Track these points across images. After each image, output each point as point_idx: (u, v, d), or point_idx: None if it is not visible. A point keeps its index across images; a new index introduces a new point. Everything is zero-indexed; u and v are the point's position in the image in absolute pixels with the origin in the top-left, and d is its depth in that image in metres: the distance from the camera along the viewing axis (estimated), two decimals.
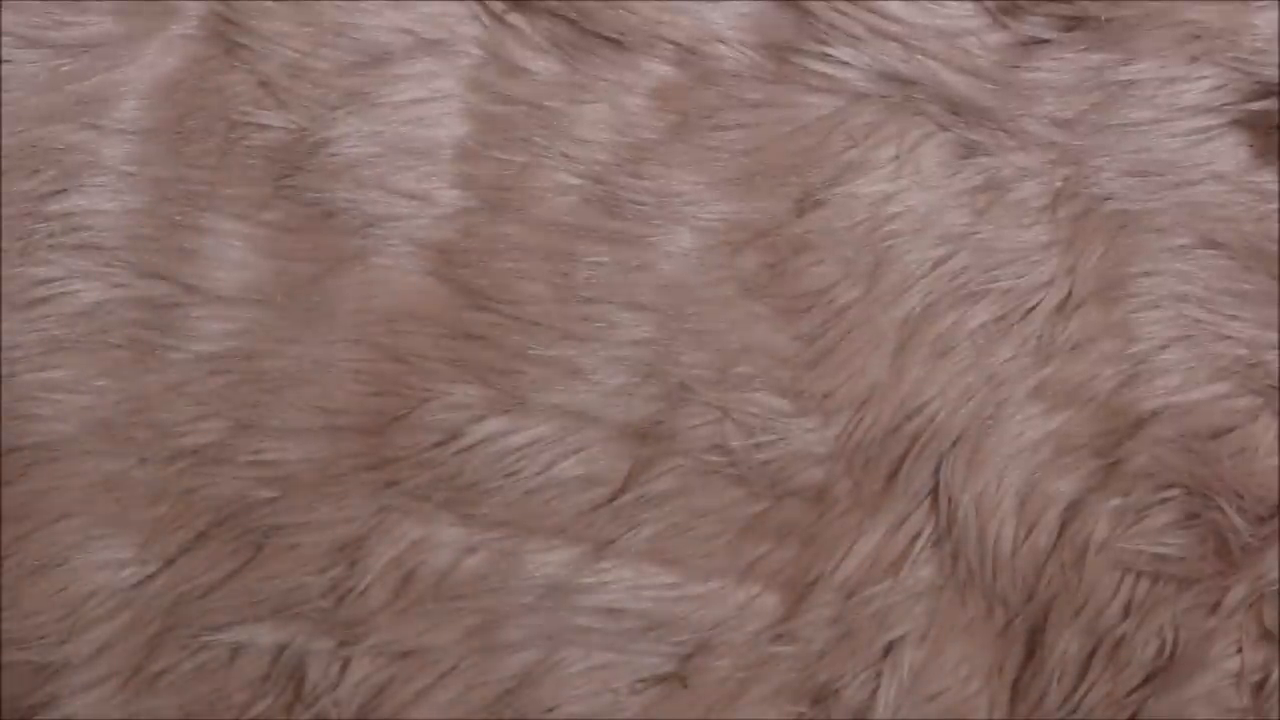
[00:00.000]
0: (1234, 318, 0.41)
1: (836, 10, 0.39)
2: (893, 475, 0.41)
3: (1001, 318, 0.41)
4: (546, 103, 0.41)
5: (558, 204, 0.41)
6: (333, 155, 0.40)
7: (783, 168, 0.41)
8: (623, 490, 0.41)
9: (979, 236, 0.41)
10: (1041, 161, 0.41)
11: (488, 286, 0.41)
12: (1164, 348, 0.41)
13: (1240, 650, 0.42)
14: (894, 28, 0.39)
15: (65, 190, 0.39)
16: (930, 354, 0.41)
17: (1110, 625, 0.42)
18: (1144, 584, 0.42)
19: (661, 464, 0.41)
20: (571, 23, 0.40)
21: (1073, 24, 0.40)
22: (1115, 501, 0.42)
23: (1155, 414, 0.41)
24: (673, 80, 0.42)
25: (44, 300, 0.39)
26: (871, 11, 0.39)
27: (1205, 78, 0.40)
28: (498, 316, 0.41)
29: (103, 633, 0.40)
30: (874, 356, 0.41)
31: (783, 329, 0.41)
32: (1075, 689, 0.42)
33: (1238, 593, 0.42)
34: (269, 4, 0.39)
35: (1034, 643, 0.42)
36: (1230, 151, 0.41)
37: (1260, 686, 0.42)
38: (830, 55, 0.40)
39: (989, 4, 0.39)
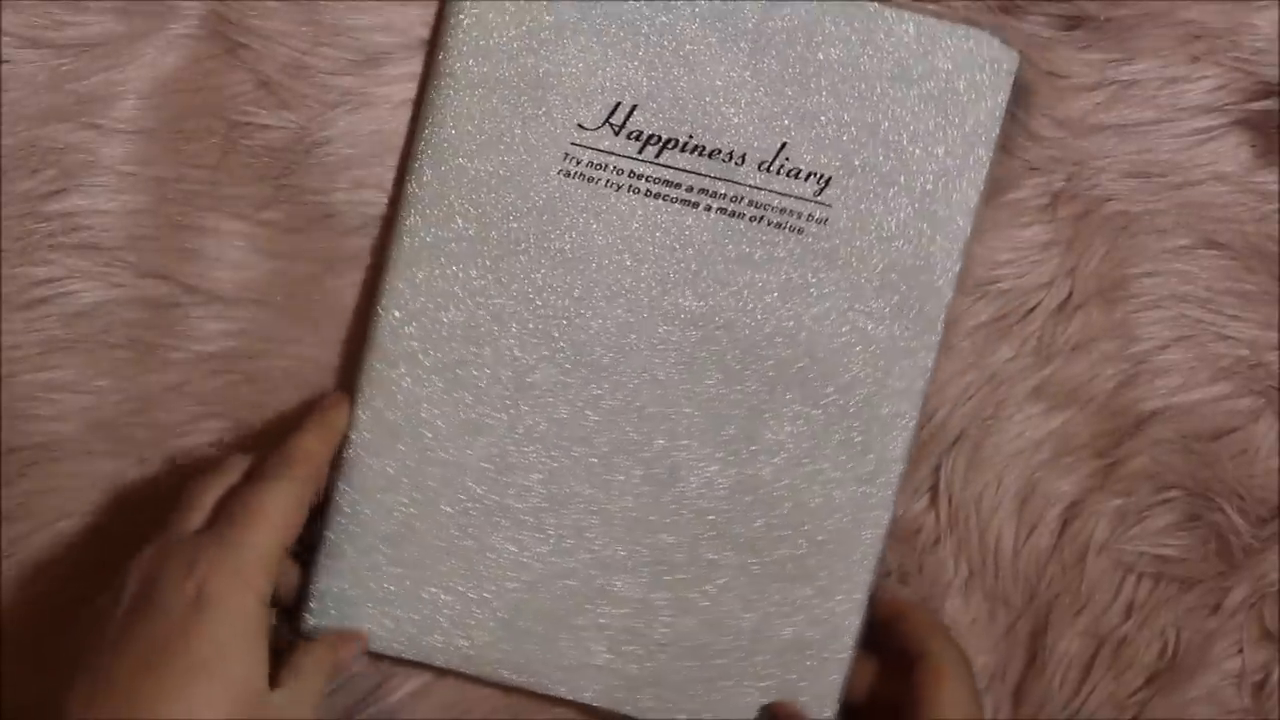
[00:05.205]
0: (1235, 318, 0.41)
1: None
2: None
3: (1001, 318, 0.41)
4: None
5: None
6: (331, 154, 0.40)
7: None
8: None
9: (978, 236, 0.41)
10: (1041, 162, 0.40)
11: None
12: (1164, 348, 0.41)
13: (1241, 651, 0.42)
14: None
15: (65, 190, 0.39)
16: None
17: (1112, 626, 0.42)
18: (1145, 585, 0.42)
19: None
20: None
21: (1073, 24, 0.40)
22: (1116, 502, 0.42)
23: (1156, 414, 0.41)
24: None
25: (44, 300, 0.39)
26: None
27: (1206, 78, 0.40)
28: None
29: None
30: None
31: None
32: (1078, 690, 0.42)
33: (1239, 593, 0.41)
34: (269, 4, 0.39)
35: (1036, 644, 0.42)
36: (1231, 152, 0.40)
37: (1261, 686, 0.42)
38: None
39: (989, 4, 0.39)
